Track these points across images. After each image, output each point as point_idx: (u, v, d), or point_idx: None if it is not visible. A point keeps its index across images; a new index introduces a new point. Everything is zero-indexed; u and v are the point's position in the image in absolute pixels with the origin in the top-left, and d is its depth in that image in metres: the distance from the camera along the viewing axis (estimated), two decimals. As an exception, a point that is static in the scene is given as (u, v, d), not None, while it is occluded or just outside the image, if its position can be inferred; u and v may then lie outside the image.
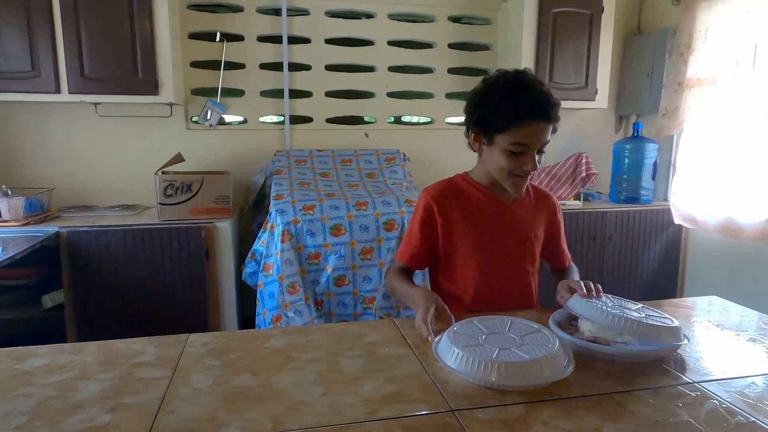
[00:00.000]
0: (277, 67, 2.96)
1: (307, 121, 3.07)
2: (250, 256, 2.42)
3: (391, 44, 3.10)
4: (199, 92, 2.90)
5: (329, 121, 3.10)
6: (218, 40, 2.83)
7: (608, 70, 3.05)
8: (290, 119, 3.01)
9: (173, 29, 2.58)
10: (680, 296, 3.09)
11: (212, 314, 2.50)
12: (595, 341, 1.05)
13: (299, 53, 2.99)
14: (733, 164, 2.63)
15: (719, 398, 0.89)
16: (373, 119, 3.18)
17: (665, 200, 3.15)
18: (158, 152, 2.77)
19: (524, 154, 1.23)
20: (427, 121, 3.28)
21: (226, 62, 2.87)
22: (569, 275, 1.43)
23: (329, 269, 2.32)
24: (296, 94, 3.03)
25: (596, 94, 3.02)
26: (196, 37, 2.85)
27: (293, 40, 2.97)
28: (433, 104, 3.23)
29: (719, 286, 2.80)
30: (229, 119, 3.00)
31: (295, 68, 2.99)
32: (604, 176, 3.26)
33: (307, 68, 3.01)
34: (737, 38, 2.58)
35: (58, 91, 2.42)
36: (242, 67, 2.93)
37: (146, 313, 2.40)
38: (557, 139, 1.31)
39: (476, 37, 3.23)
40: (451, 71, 3.21)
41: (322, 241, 2.30)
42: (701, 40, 2.75)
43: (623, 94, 3.35)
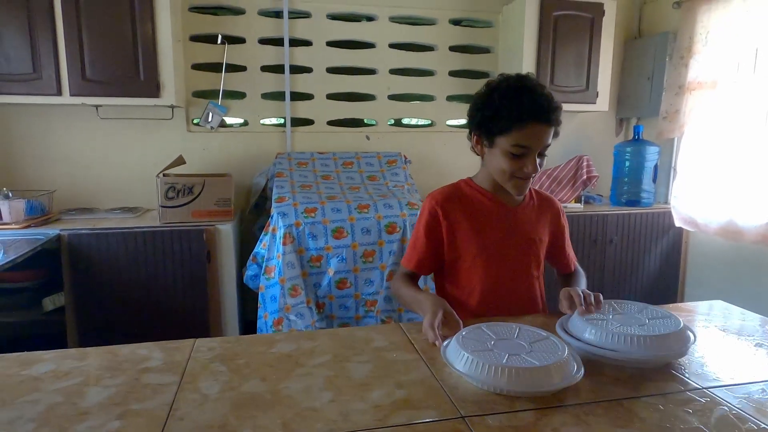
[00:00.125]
0: (278, 69, 2.96)
1: (308, 123, 3.07)
2: (251, 258, 2.42)
3: (392, 47, 3.10)
4: (200, 95, 2.90)
5: (330, 123, 3.10)
6: (220, 42, 2.82)
7: (609, 73, 3.05)
8: (291, 122, 3.00)
9: (175, 31, 2.58)
10: (681, 299, 3.09)
11: (213, 317, 2.49)
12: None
13: (301, 56, 2.99)
14: (733, 167, 2.64)
15: (729, 404, 0.89)
16: (374, 122, 3.18)
17: (666, 203, 3.16)
18: (159, 154, 2.77)
19: (525, 156, 1.24)
20: (428, 123, 3.28)
21: (227, 64, 2.87)
22: (575, 281, 1.43)
23: (331, 272, 2.31)
24: (297, 96, 3.02)
25: (597, 97, 3.03)
26: (197, 39, 2.85)
27: (295, 42, 2.97)
28: (434, 107, 3.23)
29: (720, 289, 2.81)
30: (230, 122, 3.00)
31: (296, 71, 2.99)
32: (604, 179, 3.27)
33: (308, 71, 3.01)
34: (738, 42, 2.59)
35: (59, 93, 2.41)
36: (243, 69, 2.93)
37: (147, 316, 2.39)
38: (558, 141, 1.31)
39: (477, 39, 3.23)
40: (452, 74, 3.21)
41: (323, 243, 2.29)
42: (702, 43, 2.76)
43: (624, 97, 3.36)
